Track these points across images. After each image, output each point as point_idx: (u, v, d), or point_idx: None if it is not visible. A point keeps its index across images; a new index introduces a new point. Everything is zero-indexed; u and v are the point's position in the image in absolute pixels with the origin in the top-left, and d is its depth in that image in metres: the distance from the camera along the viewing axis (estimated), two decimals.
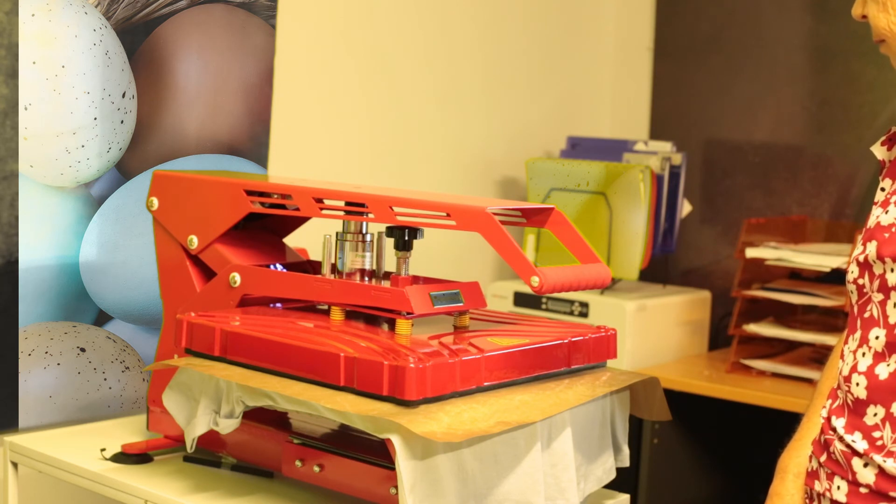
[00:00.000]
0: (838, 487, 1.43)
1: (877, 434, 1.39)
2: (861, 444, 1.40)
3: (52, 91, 1.93)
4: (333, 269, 1.62)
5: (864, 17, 1.46)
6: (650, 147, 2.84)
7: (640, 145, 2.85)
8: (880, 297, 1.42)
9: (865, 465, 1.40)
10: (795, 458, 1.56)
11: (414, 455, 1.31)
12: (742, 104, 2.99)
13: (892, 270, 1.39)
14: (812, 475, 1.50)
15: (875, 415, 1.40)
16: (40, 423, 1.96)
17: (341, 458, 1.45)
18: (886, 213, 1.44)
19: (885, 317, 1.40)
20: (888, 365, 1.39)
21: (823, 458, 1.47)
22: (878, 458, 1.38)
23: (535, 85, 2.99)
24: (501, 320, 1.66)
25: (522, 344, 1.49)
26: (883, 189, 1.52)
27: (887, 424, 1.39)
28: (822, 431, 1.49)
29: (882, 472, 1.38)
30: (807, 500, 1.52)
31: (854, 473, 1.41)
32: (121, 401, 2.08)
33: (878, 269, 1.41)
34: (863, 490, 1.40)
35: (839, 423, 1.45)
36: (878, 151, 1.54)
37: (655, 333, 2.72)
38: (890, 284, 1.40)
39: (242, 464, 1.63)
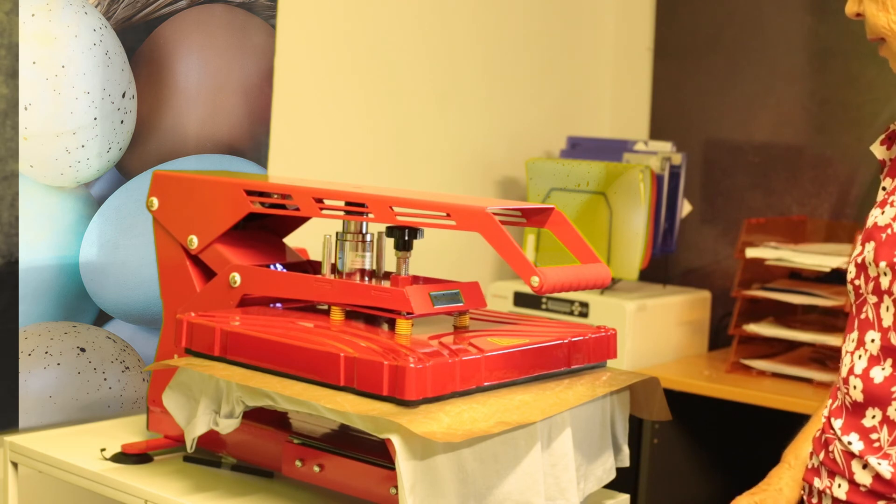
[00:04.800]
0: (839, 486, 1.44)
1: (874, 436, 1.40)
2: (857, 446, 1.41)
3: (52, 91, 1.93)
4: (333, 269, 1.62)
5: (859, 15, 1.45)
6: (650, 147, 2.84)
7: (640, 145, 2.85)
8: (874, 299, 1.42)
9: (864, 466, 1.40)
10: (795, 451, 1.59)
11: (414, 455, 1.31)
12: (742, 104, 2.99)
13: (884, 274, 1.39)
14: (813, 472, 1.51)
15: (874, 417, 1.40)
16: (40, 423, 1.96)
17: (341, 458, 1.45)
18: (883, 213, 1.44)
19: (879, 320, 1.41)
20: (883, 369, 1.40)
21: (822, 455, 1.48)
22: (873, 459, 1.38)
23: (535, 85, 2.99)
24: (501, 320, 1.66)
25: (522, 344, 1.49)
26: (884, 188, 1.51)
27: (885, 427, 1.39)
28: (823, 430, 1.50)
29: (878, 475, 1.38)
30: (805, 496, 1.53)
31: (852, 474, 1.41)
32: (121, 401, 2.08)
33: (872, 272, 1.42)
34: (862, 489, 1.40)
35: (837, 423, 1.45)
36: (878, 151, 1.54)
37: (655, 333, 2.72)
38: (883, 288, 1.40)
39: (242, 464, 1.63)
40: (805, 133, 2.89)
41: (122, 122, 2.03)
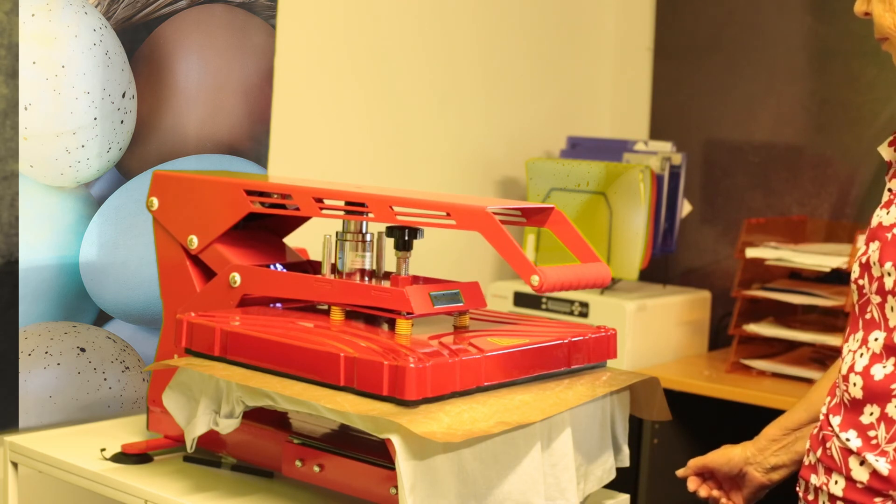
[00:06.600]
0: (836, 482, 1.44)
1: (872, 433, 1.40)
2: (855, 443, 1.41)
3: (52, 91, 1.93)
4: (333, 269, 1.62)
5: (868, 14, 1.46)
6: (650, 147, 2.84)
7: (640, 145, 2.85)
8: (878, 299, 1.42)
9: (861, 463, 1.41)
10: (767, 429, 1.73)
11: (414, 455, 1.31)
12: (742, 104, 2.99)
13: (888, 275, 1.39)
14: (810, 468, 1.51)
15: (871, 414, 1.41)
16: (40, 423, 1.96)
17: (341, 458, 1.45)
18: (888, 213, 1.44)
19: (885, 319, 1.41)
20: (884, 367, 1.40)
21: (819, 452, 1.48)
22: (871, 456, 1.39)
23: (535, 85, 2.99)
24: (501, 320, 1.66)
25: (522, 344, 1.49)
26: (890, 190, 1.51)
27: (882, 424, 1.39)
28: (821, 428, 1.50)
29: (875, 472, 1.39)
30: (802, 492, 1.54)
31: (849, 470, 1.42)
32: (121, 401, 2.07)
33: (876, 272, 1.42)
34: (859, 486, 1.41)
35: (835, 420, 1.46)
36: (885, 152, 1.53)
37: (655, 333, 2.72)
38: (887, 288, 1.40)
39: (242, 464, 1.63)
40: (805, 133, 2.89)
41: (122, 122, 2.03)
